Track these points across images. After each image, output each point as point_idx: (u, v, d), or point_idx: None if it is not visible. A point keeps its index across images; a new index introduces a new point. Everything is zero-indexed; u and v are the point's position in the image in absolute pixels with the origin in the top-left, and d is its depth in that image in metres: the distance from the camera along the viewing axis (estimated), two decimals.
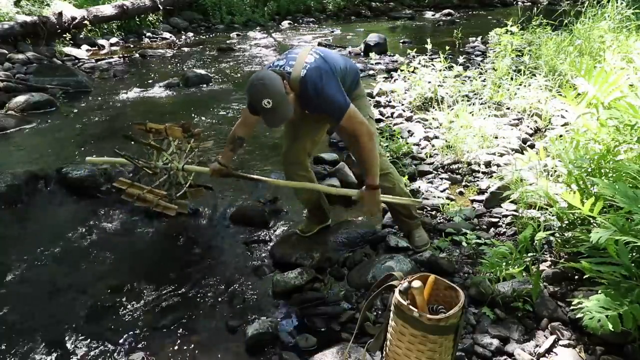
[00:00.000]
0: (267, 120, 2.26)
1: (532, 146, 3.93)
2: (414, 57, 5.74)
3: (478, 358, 1.97)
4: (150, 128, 3.25)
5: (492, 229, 2.91)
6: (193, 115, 5.40)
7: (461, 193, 3.43)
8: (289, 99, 2.23)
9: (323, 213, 2.95)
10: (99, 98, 6.13)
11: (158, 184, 3.25)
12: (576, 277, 2.27)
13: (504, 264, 2.19)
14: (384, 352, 1.80)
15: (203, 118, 5.31)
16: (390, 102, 5.35)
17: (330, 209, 3.02)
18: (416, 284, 1.65)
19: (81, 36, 9.28)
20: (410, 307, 1.62)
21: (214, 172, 2.76)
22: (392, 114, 4.95)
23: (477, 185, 3.45)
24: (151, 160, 3.21)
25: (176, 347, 2.17)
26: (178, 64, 8.04)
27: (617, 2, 5.26)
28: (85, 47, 8.98)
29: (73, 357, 2.13)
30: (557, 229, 2.44)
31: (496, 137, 3.98)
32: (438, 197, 3.31)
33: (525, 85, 4.76)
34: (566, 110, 3.70)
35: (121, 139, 3.40)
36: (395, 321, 1.69)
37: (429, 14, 14.28)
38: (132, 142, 3.33)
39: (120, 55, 8.64)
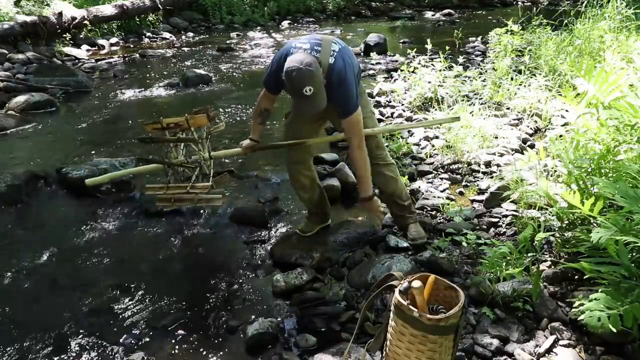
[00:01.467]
0: (301, 106, 2.24)
1: (532, 146, 3.93)
2: (414, 57, 5.73)
3: (478, 358, 1.97)
4: (167, 124, 2.96)
5: (492, 229, 2.91)
6: None
7: (461, 193, 3.42)
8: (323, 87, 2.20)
9: (324, 213, 2.96)
10: (99, 98, 6.13)
11: (195, 179, 2.99)
12: (576, 277, 2.27)
13: (504, 264, 2.19)
14: (384, 352, 1.80)
15: None
16: (390, 102, 5.35)
17: (330, 208, 3.02)
18: (416, 284, 1.65)
19: (81, 36, 9.28)
20: (410, 307, 1.62)
21: (246, 149, 2.75)
22: (392, 114, 4.94)
23: (477, 185, 3.45)
24: (172, 158, 2.99)
25: (176, 347, 2.17)
26: (178, 64, 8.04)
27: (617, 2, 5.26)
28: (85, 47, 8.98)
29: (73, 356, 2.13)
30: (557, 229, 2.44)
31: (496, 137, 3.98)
32: (438, 197, 3.31)
33: (525, 85, 4.76)
34: (566, 110, 3.70)
35: (120, 140, 3.40)
36: (396, 321, 1.69)
37: (429, 14, 14.26)
38: (152, 143, 3.13)
39: (120, 55, 8.64)
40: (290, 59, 2.18)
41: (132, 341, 2.21)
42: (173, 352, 2.15)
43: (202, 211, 3.33)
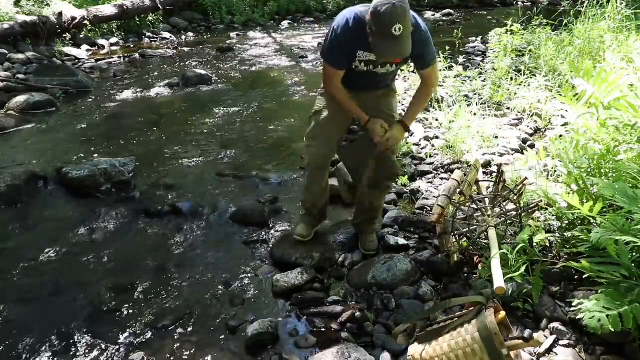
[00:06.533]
0: (385, 49, 2.07)
1: (532, 146, 3.93)
2: None
3: None
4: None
5: None
6: (193, 115, 5.40)
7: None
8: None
9: (324, 216, 2.96)
10: (99, 98, 6.12)
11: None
12: (576, 277, 2.27)
13: (504, 264, 2.19)
14: (422, 353, 1.80)
15: (203, 118, 5.31)
16: None
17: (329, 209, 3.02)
18: (540, 338, 1.65)
19: (81, 36, 9.26)
20: (504, 343, 1.61)
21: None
22: None
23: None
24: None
25: (176, 347, 2.17)
26: (178, 64, 8.04)
27: (617, 2, 5.26)
28: (85, 47, 8.96)
29: (73, 357, 2.13)
30: (557, 229, 2.44)
31: (496, 137, 3.98)
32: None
33: (525, 85, 4.76)
34: (566, 110, 3.70)
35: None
36: (472, 338, 1.66)
37: (429, 14, 14.24)
38: None
39: (120, 55, 8.63)
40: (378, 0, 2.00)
41: (132, 341, 2.21)
42: (173, 352, 2.15)
43: (202, 211, 3.33)
